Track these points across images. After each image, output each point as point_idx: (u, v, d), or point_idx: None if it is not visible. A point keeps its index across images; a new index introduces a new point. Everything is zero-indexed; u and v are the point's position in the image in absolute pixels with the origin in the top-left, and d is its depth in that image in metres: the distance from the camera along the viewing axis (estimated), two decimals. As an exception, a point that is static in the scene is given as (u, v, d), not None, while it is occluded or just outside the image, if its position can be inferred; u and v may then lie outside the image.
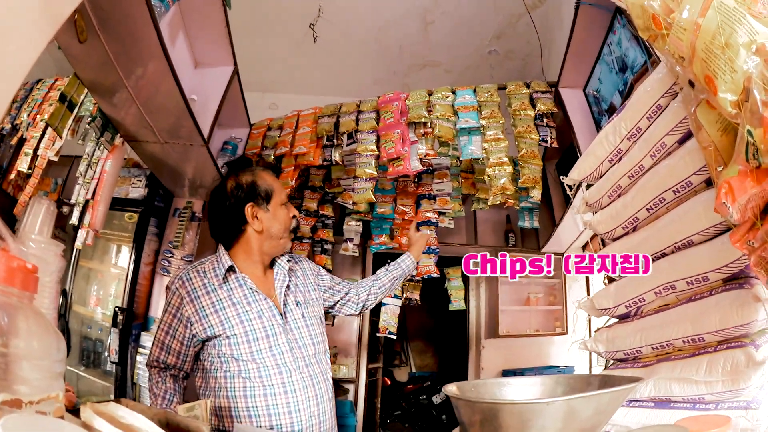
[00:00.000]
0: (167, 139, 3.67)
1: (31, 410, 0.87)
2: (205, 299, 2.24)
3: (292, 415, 2.16)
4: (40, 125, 3.70)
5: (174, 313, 2.25)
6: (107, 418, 1.04)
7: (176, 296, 2.26)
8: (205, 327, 2.20)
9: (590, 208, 3.10)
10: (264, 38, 5.90)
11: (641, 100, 2.47)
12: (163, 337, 2.25)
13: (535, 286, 6.24)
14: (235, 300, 2.25)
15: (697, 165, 2.08)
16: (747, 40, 1.26)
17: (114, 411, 1.10)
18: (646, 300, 2.57)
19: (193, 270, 2.32)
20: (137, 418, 1.09)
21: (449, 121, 4.12)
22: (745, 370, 1.90)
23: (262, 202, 2.36)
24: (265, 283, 2.37)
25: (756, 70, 1.23)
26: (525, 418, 1.28)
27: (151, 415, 1.38)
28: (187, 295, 2.25)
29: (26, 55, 1.26)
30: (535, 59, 5.59)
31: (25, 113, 3.97)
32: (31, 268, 0.96)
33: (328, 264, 5.49)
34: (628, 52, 3.15)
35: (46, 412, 0.91)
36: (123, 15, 2.53)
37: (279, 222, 2.37)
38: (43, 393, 0.91)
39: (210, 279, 2.29)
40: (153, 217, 4.69)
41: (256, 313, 2.25)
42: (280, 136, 4.72)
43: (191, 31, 3.88)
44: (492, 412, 1.34)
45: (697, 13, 1.38)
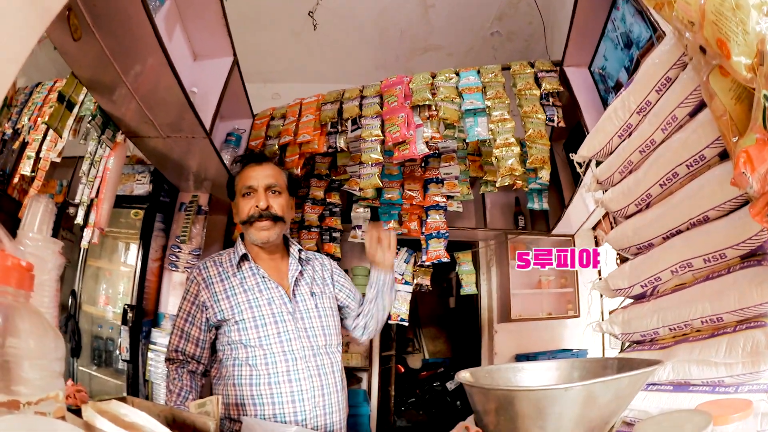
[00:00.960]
0: (169, 133, 3.65)
1: (30, 411, 0.86)
2: (218, 285, 2.37)
3: (296, 404, 2.20)
4: (41, 128, 3.73)
5: (192, 301, 2.37)
6: (110, 416, 1.04)
7: (194, 284, 2.39)
8: (216, 311, 2.32)
9: (601, 185, 3.04)
10: (263, 28, 5.89)
11: (649, 73, 2.41)
12: (182, 325, 2.36)
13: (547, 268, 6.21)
14: (247, 287, 2.37)
15: (710, 138, 2.03)
16: (758, 0, 1.20)
17: (117, 409, 1.10)
18: (662, 279, 2.51)
19: (210, 260, 2.48)
20: (140, 415, 1.10)
21: (454, 103, 4.07)
22: (766, 351, 1.84)
23: (234, 196, 2.57)
24: (278, 272, 2.48)
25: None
26: (542, 405, 1.24)
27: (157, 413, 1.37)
28: (203, 281, 2.38)
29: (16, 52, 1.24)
30: (537, 39, 5.55)
31: (25, 117, 4.01)
32: (25, 265, 0.94)
33: (337, 252, 5.49)
34: (632, 27, 3.09)
35: (45, 412, 0.90)
36: (117, 11, 2.51)
37: (239, 214, 2.51)
38: (42, 393, 0.89)
39: (225, 268, 2.43)
40: (159, 213, 4.68)
41: (266, 299, 2.35)
42: (283, 125, 4.69)
43: (188, 23, 3.85)
44: (507, 399, 1.30)
45: (705, -25, 1.32)
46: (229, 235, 5.28)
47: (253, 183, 2.46)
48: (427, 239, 5.14)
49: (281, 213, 2.47)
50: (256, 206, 2.43)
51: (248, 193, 2.47)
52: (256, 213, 2.42)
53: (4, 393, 0.81)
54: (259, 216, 2.41)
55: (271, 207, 2.44)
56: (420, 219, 5.30)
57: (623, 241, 2.81)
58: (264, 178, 2.48)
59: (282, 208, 2.48)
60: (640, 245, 2.68)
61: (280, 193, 2.50)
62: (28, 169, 3.62)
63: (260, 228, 2.43)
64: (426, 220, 5.21)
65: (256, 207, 2.43)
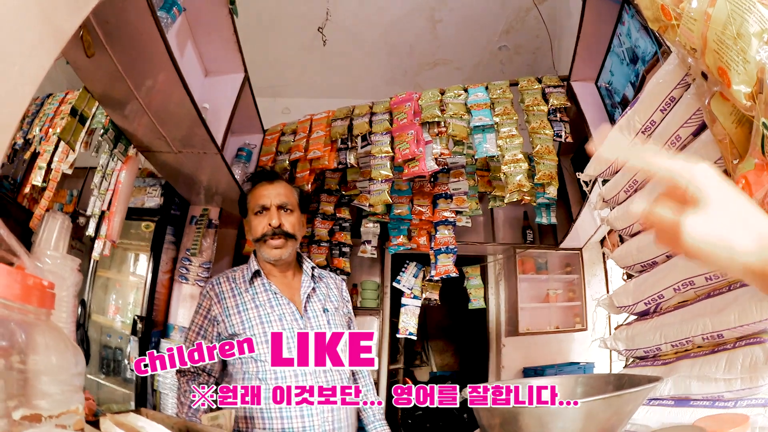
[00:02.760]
0: (181, 148, 3.67)
1: (51, 424, 0.87)
2: (230, 300, 2.40)
3: (305, 419, 2.20)
4: (52, 139, 3.71)
5: (205, 315, 2.41)
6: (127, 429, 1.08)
7: (207, 299, 2.43)
8: (227, 326, 2.34)
9: (607, 204, 3.07)
10: (273, 44, 5.92)
11: (654, 93, 2.43)
12: (194, 338, 2.39)
13: (554, 282, 6.21)
14: (258, 303, 2.39)
15: (713, 157, 2.05)
16: (758, 29, 1.23)
17: (134, 422, 1.13)
18: (665, 297, 2.54)
19: (224, 276, 2.51)
20: (157, 428, 1.13)
21: (463, 120, 4.10)
22: (764, 366, 1.86)
23: (246, 213, 2.62)
24: (290, 288, 2.51)
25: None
26: (545, 421, 1.27)
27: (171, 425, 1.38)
28: (216, 296, 2.41)
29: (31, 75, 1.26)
30: (545, 53, 5.57)
31: (37, 127, 4.00)
32: (47, 284, 0.95)
33: (347, 267, 5.49)
34: (638, 42, 3.12)
35: (66, 425, 0.91)
36: (129, 28, 2.53)
37: (252, 232, 2.55)
38: (63, 407, 0.91)
39: (238, 283, 2.46)
40: (170, 226, 4.69)
41: (278, 315, 2.37)
42: (294, 141, 4.73)
43: (199, 40, 3.88)
44: (511, 415, 1.33)
45: (706, 3, 1.35)
46: (239, 248, 5.30)
47: (266, 201, 2.51)
48: (436, 254, 5.14)
49: (293, 231, 2.50)
50: (268, 224, 2.46)
51: (261, 211, 2.50)
52: (269, 231, 2.45)
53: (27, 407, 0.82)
54: (272, 234, 2.45)
55: (283, 225, 2.47)
56: (429, 234, 5.31)
57: (628, 258, 2.84)
58: (276, 196, 2.52)
59: (293, 226, 2.51)
60: (644, 263, 2.71)
61: (291, 211, 2.54)
62: (40, 179, 3.62)
63: (273, 246, 2.46)
64: (435, 235, 5.22)
65: (268, 225, 2.47)
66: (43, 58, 1.30)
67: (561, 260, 6.26)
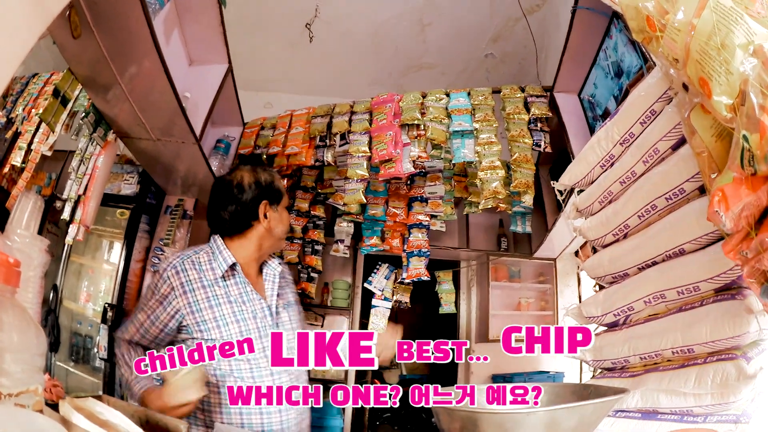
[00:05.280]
0: (159, 136, 3.66)
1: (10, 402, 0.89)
2: (200, 293, 2.19)
3: (282, 414, 2.17)
4: (34, 119, 3.71)
5: (161, 301, 2.17)
6: (86, 413, 1.07)
7: (167, 285, 2.18)
8: (198, 321, 2.15)
9: (581, 214, 3.07)
10: (260, 37, 5.90)
11: (635, 105, 2.44)
12: (143, 320, 2.19)
13: (527, 291, 6.23)
14: (232, 298, 2.22)
15: (690, 172, 2.05)
16: (744, 41, 1.22)
17: (92, 407, 1.13)
18: (635, 309, 2.54)
19: (188, 260, 2.25)
20: (115, 414, 1.12)
21: (442, 124, 4.11)
22: (736, 383, 1.86)
23: (274, 202, 2.40)
24: (257, 284, 2.35)
25: (753, 72, 1.19)
26: (505, 428, 1.25)
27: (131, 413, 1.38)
28: (181, 287, 2.18)
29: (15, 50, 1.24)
30: (531, 63, 5.59)
31: (20, 107, 3.99)
32: (13, 262, 0.96)
33: (318, 265, 5.48)
34: (624, 57, 3.13)
35: (25, 405, 0.92)
36: (117, 11, 2.52)
37: (283, 224, 2.42)
38: (23, 386, 0.92)
39: (206, 272, 2.24)
40: (144, 214, 4.66)
41: (251, 312, 2.22)
42: (272, 136, 4.72)
43: (186, 28, 3.87)
44: (471, 420, 1.31)
45: (692, 14, 1.34)
46: (213, 241, 5.26)
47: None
48: (408, 257, 5.13)
49: None
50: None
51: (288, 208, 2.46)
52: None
53: (-15, 383, 0.80)
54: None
55: None
56: (402, 236, 5.30)
57: (599, 269, 2.83)
58: None
59: None
60: (615, 274, 2.71)
61: None
62: (19, 159, 3.60)
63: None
64: (408, 237, 5.22)
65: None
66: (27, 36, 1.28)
67: (535, 269, 6.27)
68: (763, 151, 1.17)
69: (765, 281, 1.32)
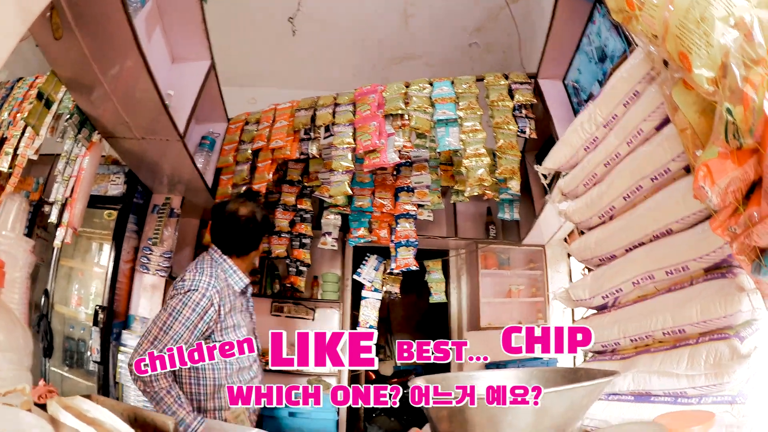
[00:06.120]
0: (144, 135, 3.67)
1: None
2: (227, 306, 2.71)
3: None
4: (20, 124, 3.70)
5: (202, 315, 2.57)
6: (74, 412, 1.10)
7: (207, 301, 2.60)
8: (222, 330, 2.67)
9: (566, 197, 3.06)
10: (243, 32, 5.89)
11: (617, 87, 2.43)
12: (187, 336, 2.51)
13: (517, 278, 6.23)
14: (242, 309, 2.86)
15: (675, 151, 2.04)
16: (724, 13, 1.21)
17: (80, 405, 1.16)
18: (623, 290, 2.53)
19: (215, 278, 2.71)
20: (102, 412, 1.15)
21: (426, 113, 4.10)
22: (729, 363, 1.84)
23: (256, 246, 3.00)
24: None
25: (735, 44, 1.18)
26: (492, 414, 1.23)
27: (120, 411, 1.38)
28: (219, 302, 2.65)
29: None
30: (515, 52, 5.59)
31: (5, 112, 3.96)
32: None
33: (306, 258, 5.47)
34: (607, 41, 3.13)
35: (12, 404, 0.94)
36: (97, 12, 2.56)
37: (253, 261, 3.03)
38: (10, 385, 0.94)
39: (227, 288, 2.77)
40: (132, 215, 4.63)
41: (246, 320, 2.87)
42: (257, 131, 4.71)
43: (168, 26, 3.87)
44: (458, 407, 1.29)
45: (670, -11, 1.33)
46: (200, 238, 5.27)
47: None
48: (396, 247, 5.12)
49: None
50: None
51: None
52: None
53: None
54: None
55: None
56: (390, 227, 5.28)
57: (586, 252, 2.83)
58: None
59: None
60: (602, 257, 2.71)
61: None
62: (6, 165, 3.60)
63: None
64: (396, 228, 5.20)
65: None
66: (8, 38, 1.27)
67: (524, 256, 6.27)
68: (748, 123, 1.15)
69: (756, 257, 1.31)
